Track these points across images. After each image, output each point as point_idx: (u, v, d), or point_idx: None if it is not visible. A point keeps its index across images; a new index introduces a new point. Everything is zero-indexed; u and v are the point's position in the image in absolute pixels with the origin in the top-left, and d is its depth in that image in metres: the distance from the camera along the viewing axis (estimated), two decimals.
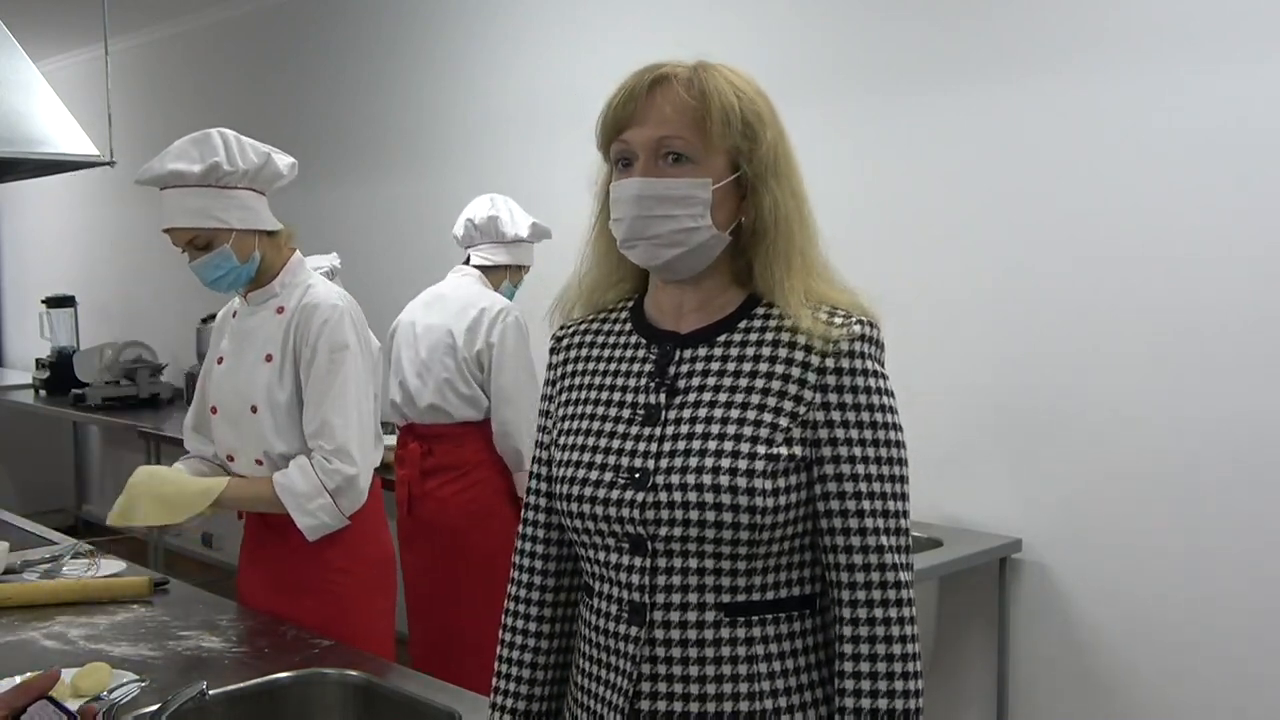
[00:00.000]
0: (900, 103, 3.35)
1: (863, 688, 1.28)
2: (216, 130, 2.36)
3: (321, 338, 2.36)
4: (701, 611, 1.31)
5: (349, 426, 2.35)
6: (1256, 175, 2.73)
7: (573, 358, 1.46)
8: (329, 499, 2.33)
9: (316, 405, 2.36)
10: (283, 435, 2.39)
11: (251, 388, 2.40)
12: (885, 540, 1.29)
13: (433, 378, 3.38)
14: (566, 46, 4.31)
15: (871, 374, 1.31)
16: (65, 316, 6.85)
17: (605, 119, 1.34)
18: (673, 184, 1.30)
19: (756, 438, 1.29)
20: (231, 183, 2.34)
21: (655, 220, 1.30)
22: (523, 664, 1.46)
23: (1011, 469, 3.20)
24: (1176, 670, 2.92)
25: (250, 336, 2.45)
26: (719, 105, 1.30)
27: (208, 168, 2.30)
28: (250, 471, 2.45)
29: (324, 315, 2.37)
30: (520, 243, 3.55)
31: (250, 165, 2.36)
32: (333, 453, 2.33)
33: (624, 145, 1.33)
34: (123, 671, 1.99)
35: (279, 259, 2.45)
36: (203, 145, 2.33)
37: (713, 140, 1.31)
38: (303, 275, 2.47)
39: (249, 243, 2.38)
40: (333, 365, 2.35)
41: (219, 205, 2.33)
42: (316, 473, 2.33)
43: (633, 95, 1.32)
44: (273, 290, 2.44)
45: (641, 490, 1.31)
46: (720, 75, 1.33)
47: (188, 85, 6.31)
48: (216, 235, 2.34)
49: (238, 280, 2.41)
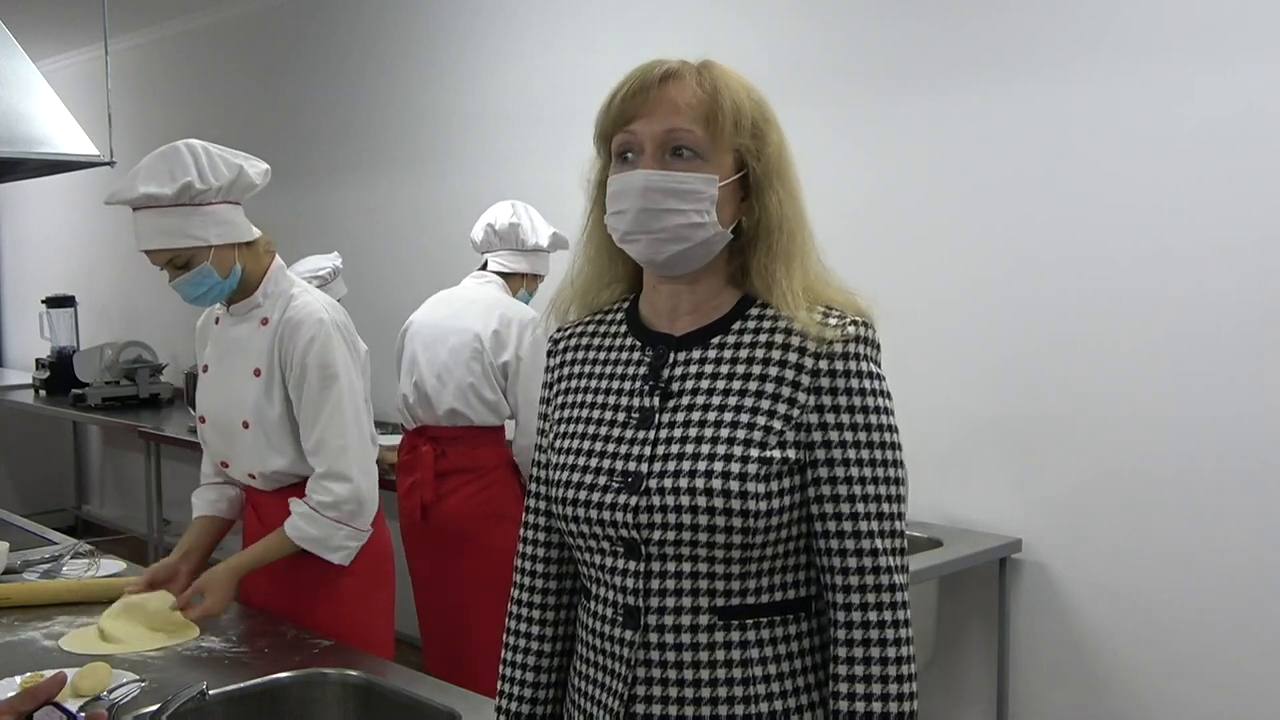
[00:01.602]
0: (900, 103, 3.35)
1: (857, 690, 1.27)
2: (185, 144, 2.29)
3: (310, 356, 2.32)
4: (696, 615, 1.30)
5: (348, 449, 2.33)
6: (1256, 175, 2.73)
7: (569, 360, 1.45)
8: (346, 528, 2.34)
9: (311, 425, 2.34)
10: (276, 450, 2.37)
11: (241, 404, 2.38)
12: (880, 543, 1.29)
13: (455, 381, 3.35)
14: (568, 46, 4.31)
15: (867, 375, 1.30)
16: (65, 316, 6.85)
17: (610, 110, 1.33)
18: (682, 177, 1.29)
19: (750, 440, 1.28)
20: (206, 200, 2.27)
21: (661, 214, 1.29)
22: (526, 667, 1.46)
23: (1011, 469, 3.20)
24: (1176, 670, 2.92)
25: (235, 348, 2.42)
26: (731, 102, 1.30)
27: (180, 188, 2.23)
28: (242, 480, 2.47)
29: (309, 332, 2.33)
30: (539, 252, 3.52)
31: (223, 180, 2.29)
32: (324, 475, 2.32)
33: (630, 137, 1.31)
34: (123, 671, 1.99)
35: (259, 267, 2.40)
36: (173, 163, 2.25)
37: (723, 137, 1.30)
38: (285, 284, 2.42)
39: (229, 257, 2.33)
40: (324, 384, 2.33)
41: (195, 224, 2.27)
42: (322, 514, 2.32)
43: (644, 87, 1.31)
44: (256, 301, 2.40)
45: (635, 494, 1.30)
46: (729, 74, 1.33)
47: (188, 85, 6.31)
48: (195, 254, 2.29)
49: (221, 294, 2.37)
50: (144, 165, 2.28)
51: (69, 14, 5.98)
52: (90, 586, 2.49)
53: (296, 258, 4.06)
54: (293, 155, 5.52)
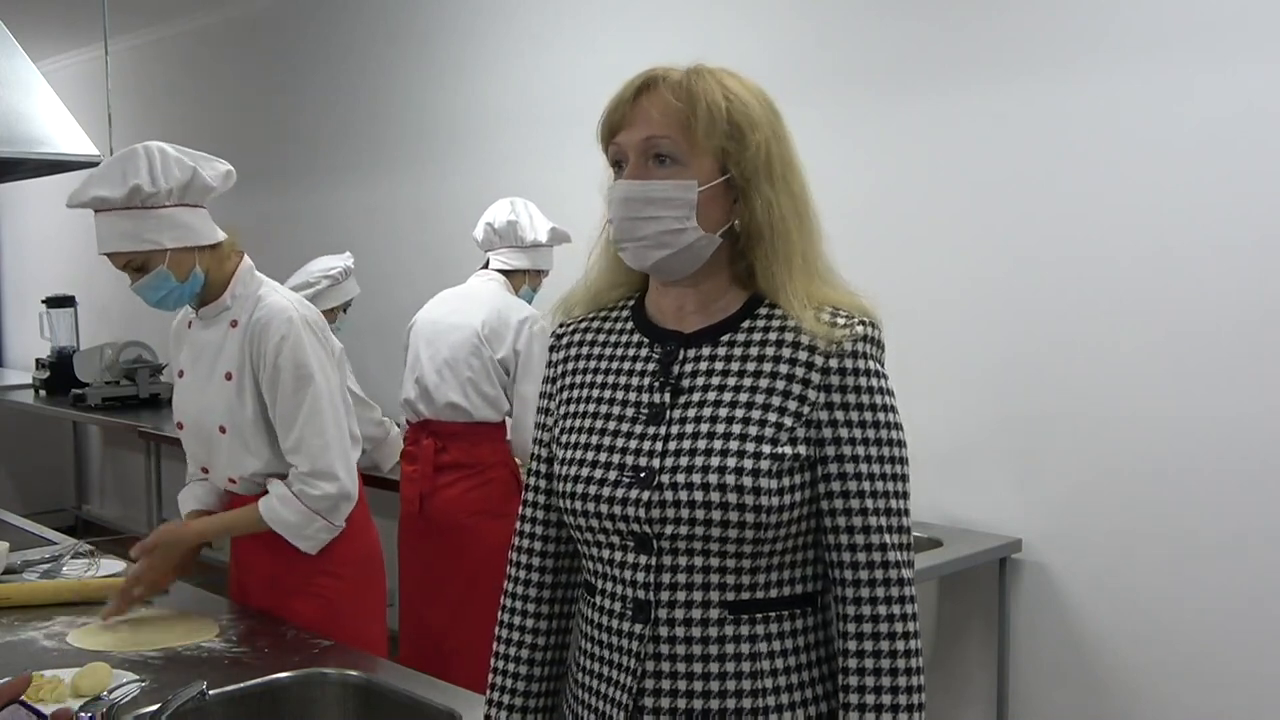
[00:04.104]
0: (900, 103, 3.35)
1: (866, 684, 1.29)
2: (143, 146, 2.27)
3: (281, 355, 2.30)
4: (706, 609, 1.32)
5: (329, 447, 2.32)
6: (1256, 175, 2.73)
7: (573, 355, 1.46)
8: (321, 520, 2.33)
9: (289, 425, 2.32)
10: (253, 453, 2.36)
11: (215, 409, 2.37)
12: (888, 538, 1.31)
13: (455, 376, 3.40)
14: (569, 46, 4.31)
15: (874, 374, 1.32)
16: (65, 316, 6.86)
17: (601, 124, 1.37)
18: (657, 186, 1.32)
19: (762, 437, 1.29)
20: (157, 202, 2.24)
21: (641, 222, 1.32)
22: (519, 660, 1.47)
23: (1011, 469, 3.20)
24: (1176, 670, 2.92)
25: (207, 352, 2.40)
26: (705, 106, 1.31)
27: (130, 190, 2.21)
28: (223, 485, 2.46)
29: (279, 331, 2.31)
30: (539, 247, 3.56)
31: (175, 183, 2.25)
32: (311, 474, 2.31)
33: (617, 148, 1.36)
34: (123, 671, 1.99)
35: (224, 270, 2.37)
36: (126, 165, 2.23)
37: (698, 141, 1.32)
38: (253, 285, 2.40)
39: (187, 260, 2.30)
40: (299, 384, 2.31)
41: (148, 226, 2.24)
42: (302, 501, 2.31)
43: (625, 99, 1.35)
44: (224, 303, 2.37)
45: (647, 489, 1.31)
46: (712, 78, 1.34)
47: (187, 85, 6.31)
48: (151, 257, 2.26)
49: (182, 298, 2.35)
50: (99, 168, 2.28)
51: (69, 14, 5.98)
52: (90, 586, 2.49)
53: (295, 258, 4.06)
54: (293, 155, 5.52)
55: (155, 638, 2.23)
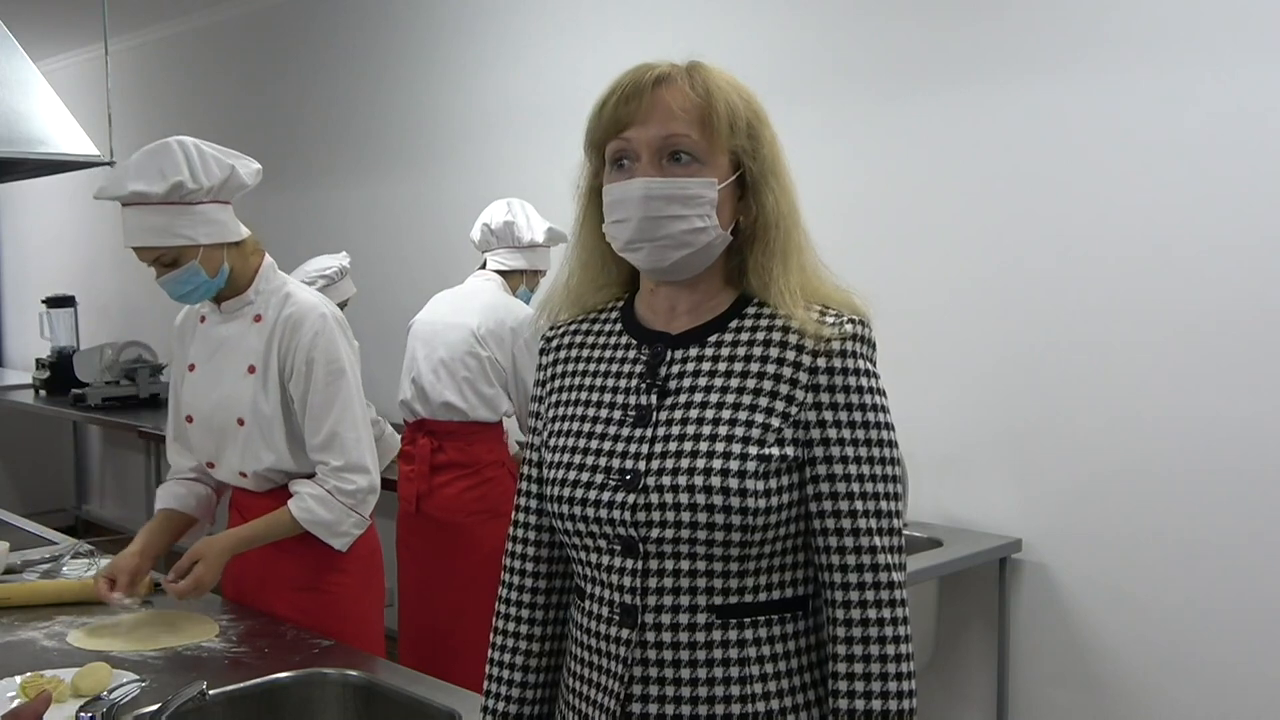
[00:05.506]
0: (898, 103, 3.35)
1: (856, 688, 1.27)
2: (176, 141, 2.26)
3: (316, 350, 2.32)
4: (693, 613, 1.30)
5: (361, 440, 2.34)
6: (1257, 175, 2.73)
7: (562, 359, 1.45)
8: (355, 515, 2.35)
9: (320, 419, 2.33)
10: (269, 446, 2.36)
11: (235, 401, 2.37)
12: (878, 540, 1.29)
13: (451, 376, 3.41)
14: (568, 46, 4.31)
15: (863, 373, 1.30)
16: (65, 316, 6.85)
17: (602, 117, 1.33)
18: (683, 183, 1.29)
19: (748, 438, 1.28)
20: (196, 199, 2.24)
21: (665, 221, 1.29)
22: (514, 666, 1.46)
23: (1011, 469, 3.20)
24: (1176, 670, 2.92)
25: (227, 346, 2.40)
26: (724, 104, 1.30)
27: (171, 186, 2.21)
28: (231, 481, 2.45)
29: (314, 327, 2.33)
30: (536, 248, 3.56)
31: (215, 180, 2.26)
32: (343, 468, 2.32)
33: (624, 144, 1.31)
34: (123, 671, 1.99)
35: (248, 266, 2.39)
36: (164, 161, 2.22)
37: (718, 139, 1.30)
38: (277, 281, 2.42)
39: (217, 256, 2.31)
40: (331, 378, 2.33)
41: (184, 222, 2.24)
42: (337, 498, 2.32)
43: (636, 92, 1.30)
44: (248, 298, 2.39)
45: (632, 492, 1.30)
46: (720, 75, 1.33)
47: (188, 85, 6.31)
48: (184, 252, 2.27)
49: (208, 292, 2.35)
50: (134, 161, 2.25)
51: (69, 14, 5.98)
52: (90, 586, 2.49)
53: (296, 258, 4.06)
54: (293, 155, 5.52)
55: (155, 638, 2.23)
